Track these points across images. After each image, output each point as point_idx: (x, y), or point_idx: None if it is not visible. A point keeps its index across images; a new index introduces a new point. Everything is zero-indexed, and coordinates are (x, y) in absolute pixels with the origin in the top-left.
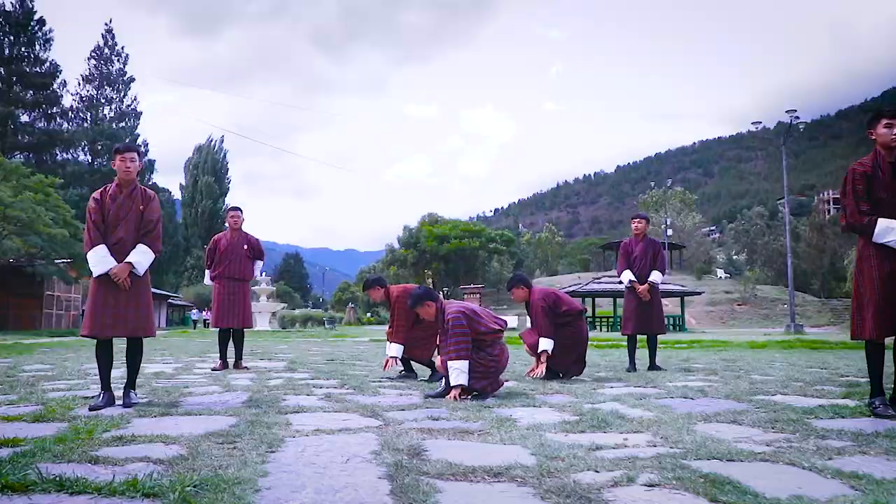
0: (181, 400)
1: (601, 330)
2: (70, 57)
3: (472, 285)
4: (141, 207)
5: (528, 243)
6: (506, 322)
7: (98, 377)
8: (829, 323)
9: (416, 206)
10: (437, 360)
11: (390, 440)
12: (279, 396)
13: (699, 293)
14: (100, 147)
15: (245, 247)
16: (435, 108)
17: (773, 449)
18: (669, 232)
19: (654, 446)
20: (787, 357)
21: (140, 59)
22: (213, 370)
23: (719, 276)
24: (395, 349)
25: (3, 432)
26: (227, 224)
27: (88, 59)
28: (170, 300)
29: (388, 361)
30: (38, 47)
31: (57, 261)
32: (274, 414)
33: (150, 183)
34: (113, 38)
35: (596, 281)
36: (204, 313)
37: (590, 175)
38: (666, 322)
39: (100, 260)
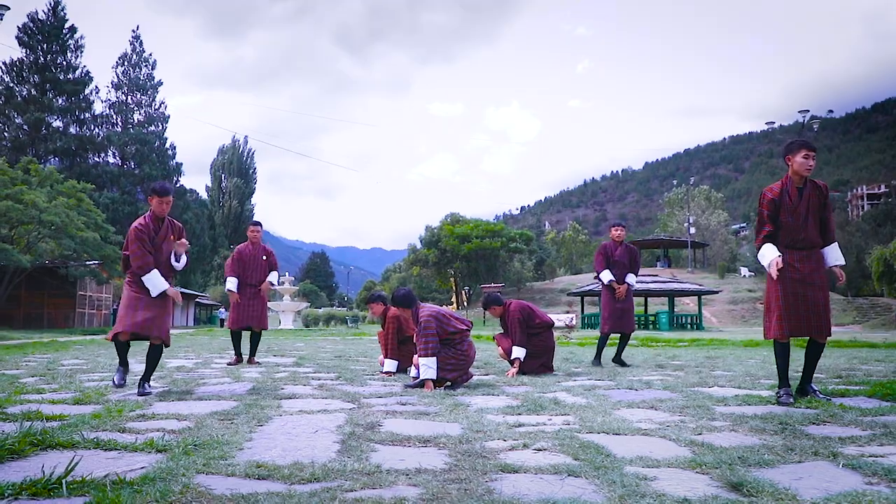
0: (195, 389)
1: None
2: (100, 61)
3: (491, 284)
4: (172, 237)
5: (553, 241)
6: (471, 322)
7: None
8: (854, 321)
9: (441, 204)
10: (415, 357)
11: (356, 418)
12: (279, 386)
13: (716, 292)
14: (131, 151)
15: (264, 258)
16: (460, 106)
17: (659, 427)
18: (692, 230)
19: (567, 424)
20: (769, 356)
21: (168, 61)
22: (228, 364)
23: (743, 274)
24: (390, 364)
25: (51, 411)
26: (248, 236)
27: (117, 65)
28: (197, 299)
29: (388, 374)
30: (69, 54)
31: (88, 262)
32: (270, 399)
33: (178, 185)
34: (140, 44)
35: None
36: (221, 313)
37: (617, 172)
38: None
39: (158, 284)
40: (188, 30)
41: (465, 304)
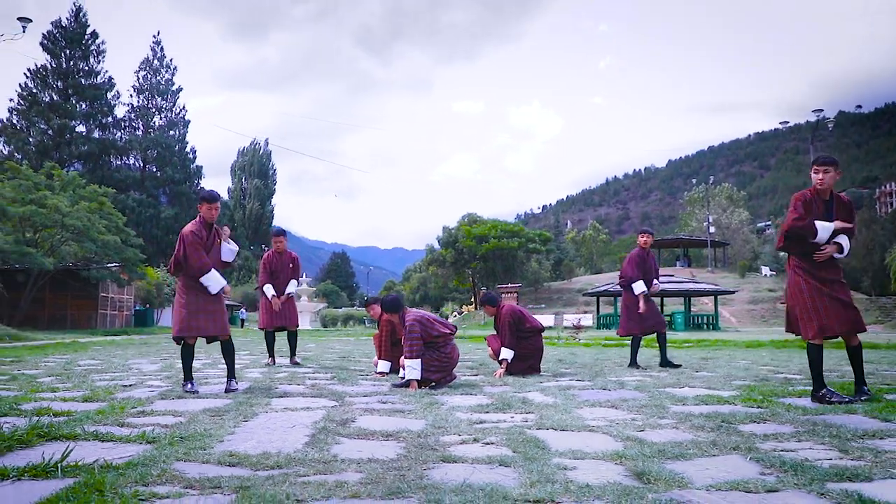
0: (197, 388)
1: None
2: (122, 66)
3: (509, 284)
4: (218, 241)
5: (573, 241)
6: (455, 327)
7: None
8: (877, 321)
9: (462, 204)
10: (401, 359)
11: (333, 415)
12: (275, 386)
13: (732, 292)
14: (153, 154)
15: (291, 265)
16: (481, 105)
17: (608, 424)
18: (712, 229)
19: (525, 421)
20: (761, 356)
21: (191, 63)
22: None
23: (764, 273)
24: (384, 365)
25: (61, 407)
26: (274, 245)
27: (138, 70)
28: None
29: (381, 374)
30: (92, 60)
31: (109, 264)
32: (262, 398)
33: (199, 188)
34: (161, 49)
35: None
36: (242, 313)
37: (640, 170)
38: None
39: (217, 281)
40: (211, 32)
41: None
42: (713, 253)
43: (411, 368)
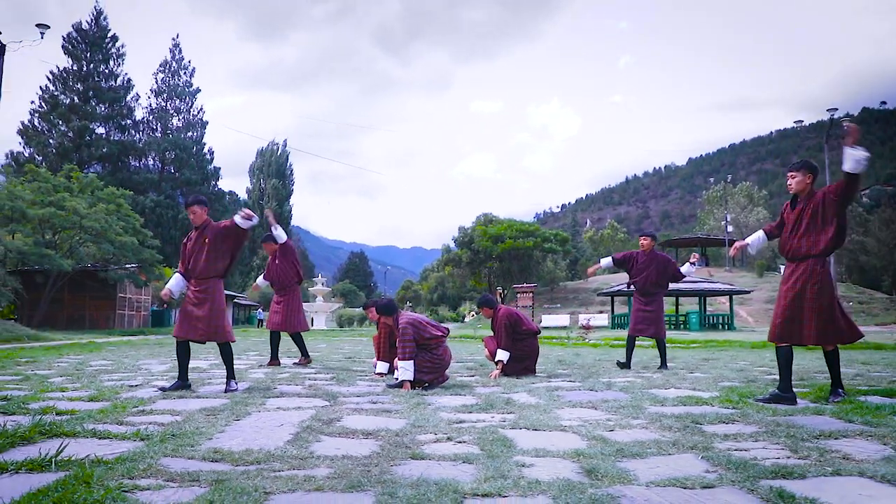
0: (199, 388)
1: None
2: (141, 64)
3: (524, 284)
4: (207, 238)
5: (591, 240)
6: (448, 329)
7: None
8: None
9: (481, 202)
10: (396, 360)
11: (321, 414)
12: (273, 386)
13: (747, 292)
14: (171, 156)
15: (278, 262)
16: (500, 104)
17: (581, 424)
18: (730, 228)
19: (503, 421)
20: (762, 357)
21: (209, 63)
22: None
23: (782, 272)
24: (382, 366)
25: (66, 406)
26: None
27: (157, 72)
28: (236, 300)
29: (380, 375)
30: (111, 62)
31: (127, 265)
32: (259, 397)
33: (216, 189)
34: (180, 51)
35: None
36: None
37: (660, 168)
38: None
39: (172, 283)
40: (230, 32)
41: (500, 303)
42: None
43: (404, 370)
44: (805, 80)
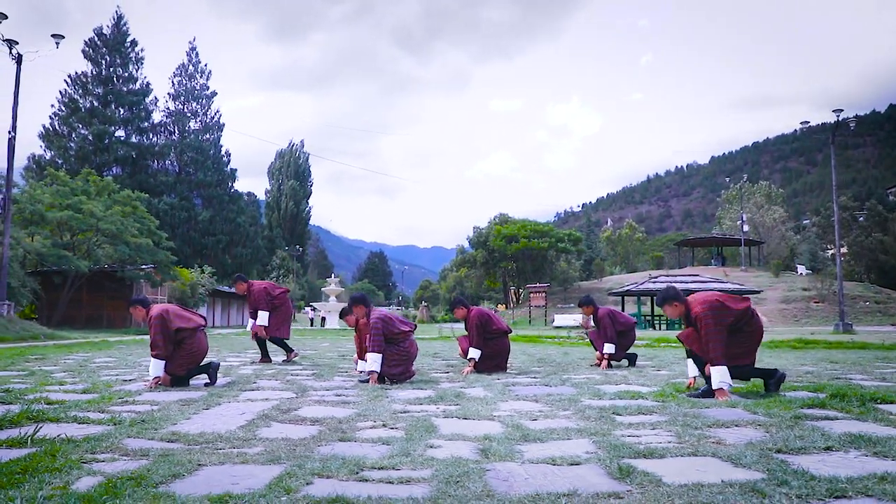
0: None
1: (659, 328)
2: (160, 64)
3: (538, 284)
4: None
5: (608, 240)
6: (415, 325)
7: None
8: None
9: (499, 201)
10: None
11: (283, 405)
12: (253, 380)
13: (757, 292)
14: (188, 158)
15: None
16: (519, 102)
17: (510, 415)
18: (746, 227)
19: (443, 411)
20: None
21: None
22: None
23: (799, 272)
24: (363, 365)
25: (58, 397)
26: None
27: (174, 76)
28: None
29: (361, 372)
30: (131, 66)
31: (143, 266)
32: (235, 390)
33: (232, 191)
34: (197, 55)
35: (652, 280)
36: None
37: (682, 167)
38: None
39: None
40: (249, 34)
41: (516, 303)
42: (748, 251)
43: (372, 361)
44: (831, 76)
